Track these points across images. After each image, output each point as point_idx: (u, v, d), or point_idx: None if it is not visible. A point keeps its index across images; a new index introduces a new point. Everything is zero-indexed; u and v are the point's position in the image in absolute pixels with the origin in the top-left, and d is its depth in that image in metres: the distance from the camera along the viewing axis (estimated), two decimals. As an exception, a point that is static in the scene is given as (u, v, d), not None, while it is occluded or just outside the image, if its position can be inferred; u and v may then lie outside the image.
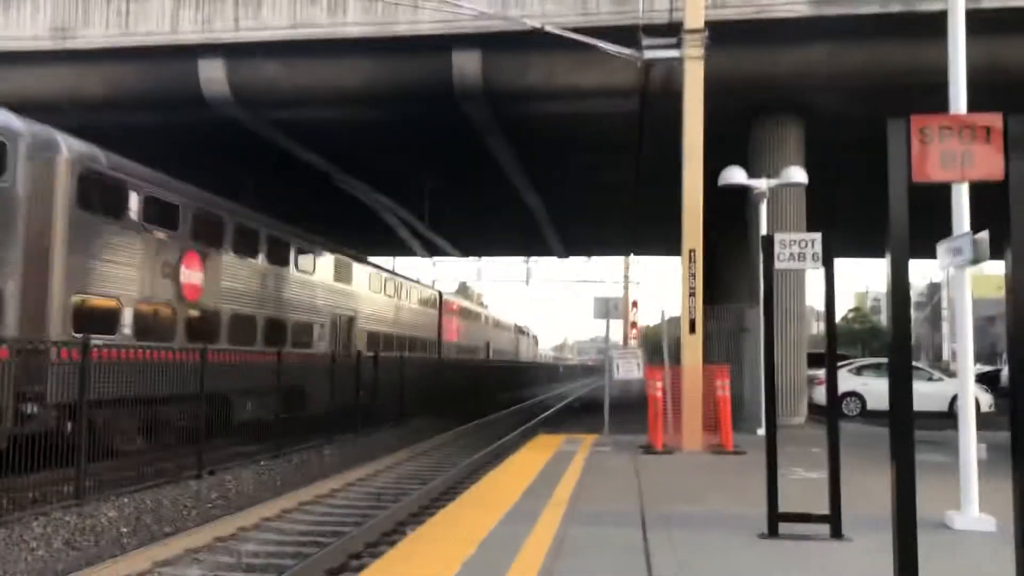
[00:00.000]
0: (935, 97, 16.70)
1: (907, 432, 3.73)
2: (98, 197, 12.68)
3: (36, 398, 10.48)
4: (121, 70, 19.25)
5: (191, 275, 14.78)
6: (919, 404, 3.84)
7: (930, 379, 22.02)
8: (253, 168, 25.10)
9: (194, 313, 15.04)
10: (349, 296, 22.78)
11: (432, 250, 41.48)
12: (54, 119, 18.08)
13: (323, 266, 20.89)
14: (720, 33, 14.52)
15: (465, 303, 45.92)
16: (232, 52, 18.65)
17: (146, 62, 18.98)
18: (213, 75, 18.82)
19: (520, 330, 64.51)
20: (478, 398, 33.40)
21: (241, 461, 13.57)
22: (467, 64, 17.99)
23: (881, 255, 26.73)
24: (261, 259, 17.57)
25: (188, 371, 12.64)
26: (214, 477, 12.22)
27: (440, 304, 36.66)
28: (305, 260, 19.85)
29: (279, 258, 18.42)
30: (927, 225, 7.56)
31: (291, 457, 14.78)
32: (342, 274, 22.44)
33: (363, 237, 36.67)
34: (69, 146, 12.20)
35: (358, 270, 23.82)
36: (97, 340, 10.88)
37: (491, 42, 17.65)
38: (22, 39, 18.91)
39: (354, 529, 9.35)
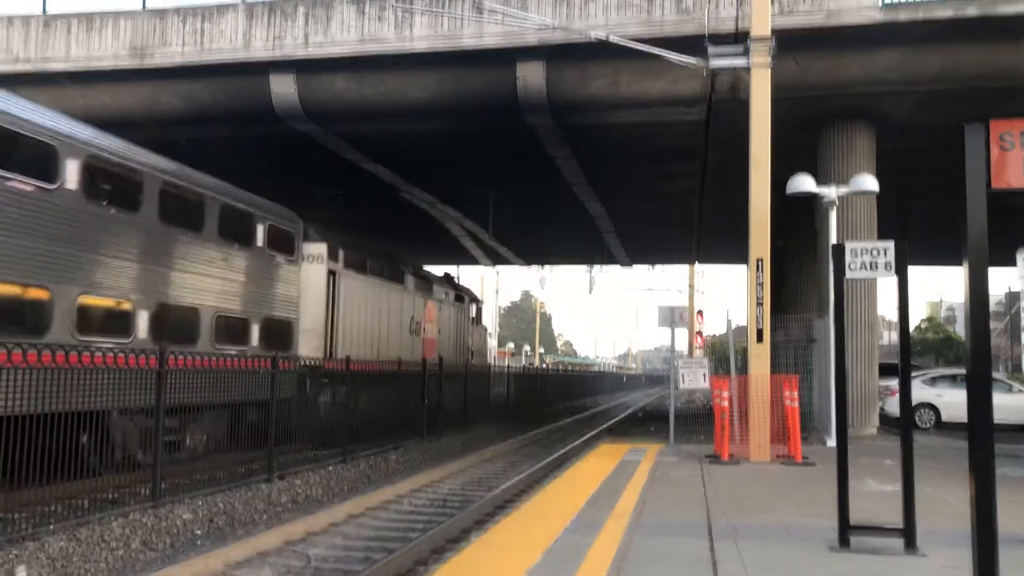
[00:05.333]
0: (1012, 102, 16.38)
1: (987, 444, 3.65)
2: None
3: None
4: (196, 86, 19.86)
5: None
6: (997, 416, 3.76)
7: (1009, 391, 21.33)
8: (322, 180, 25.59)
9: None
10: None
11: (496, 259, 41.70)
12: (133, 134, 18.81)
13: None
14: (788, 40, 14.36)
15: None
16: (302, 68, 19.10)
17: (220, 78, 19.55)
18: (284, 90, 19.29)
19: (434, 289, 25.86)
20: (540, 407, 33.40)
21: (310, 466, 13.81)
22: (531, 75, 18.09)
23: (956, 263, 26.25)
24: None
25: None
26: (283, 481, 12.46)
27: None
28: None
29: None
30: (1005, 232, 7.35)
31: (358, 462, 14.99)
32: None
33: (428, 247, 37.09)
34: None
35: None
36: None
37: (555, 53, 17.72)
38: (103, 58, 19.65)
39: (420, 535, 9.45)
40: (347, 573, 7.96)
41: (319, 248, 17.56)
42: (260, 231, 15.39)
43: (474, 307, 30.46)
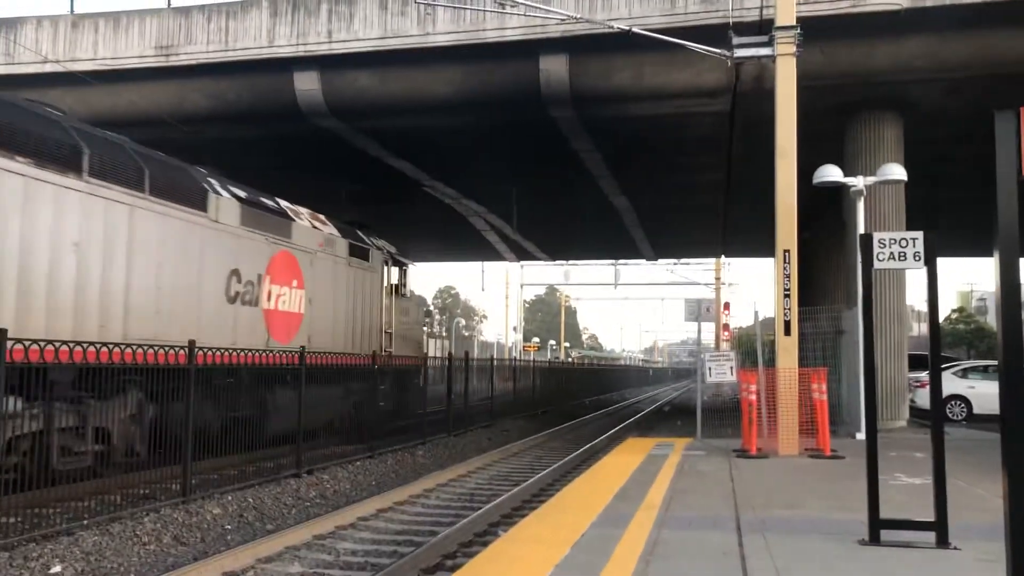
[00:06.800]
0: (1044, 88, 16.11)
1: (1021, 436, 3.59)
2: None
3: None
4: (221, 84, 20.01)
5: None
6: (1031, 408, 3.70)
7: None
8: (346, 176, 25.69)
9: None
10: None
11: (520, 254, 41.69)
12: (159, 133, 19.00)
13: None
14: (813, 29, 14.21)
15: None
16: (326, 64, 19.18)
17: (245, 76, 19.68)
18: (308, 87, 19.39)
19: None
20: (566, 402, 33.40)
21: (337, 461, 13.89)
22: (554, 68, 18.04)
23: (987, 253, 25.83)
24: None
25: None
26: (311, 476, 12.55)
27: None
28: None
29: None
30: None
31: (385, 458, 15.07)
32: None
33: (452, 242, 37.15)
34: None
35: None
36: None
37: (578, 46, 17.66)
38: (129, 58, 19.85)
39: (447, 529, 9.47)
40: (375, 567, 7.99)
41: None
42: None
43: (396, 271, 20.10)
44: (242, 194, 14.17)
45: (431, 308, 69.33)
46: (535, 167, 25.19)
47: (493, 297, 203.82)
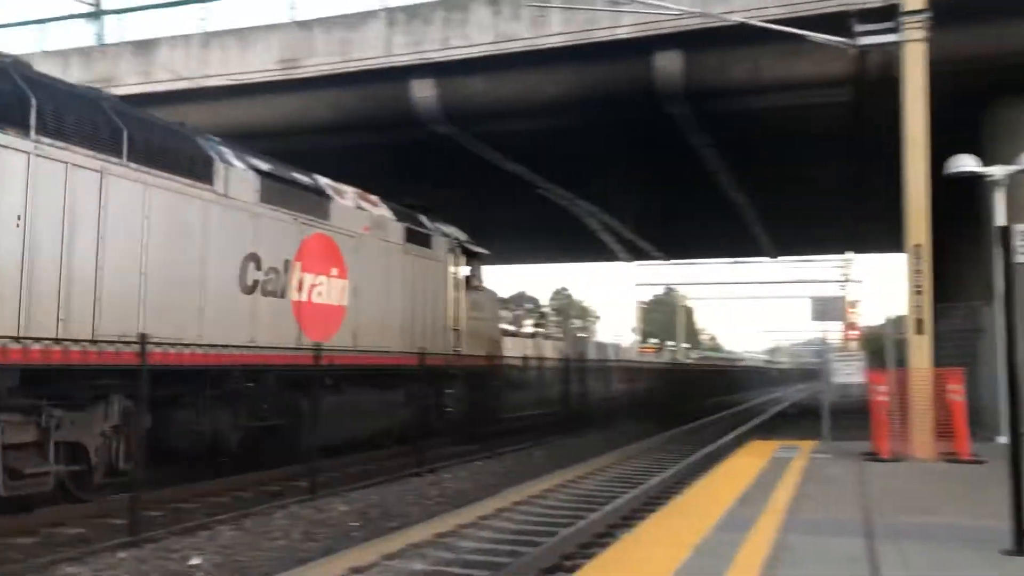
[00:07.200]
0: None
1: None
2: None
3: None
4: (341, 95, 20.63)
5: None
6: None
7: None
8: (463, 182, 26.04)
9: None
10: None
11: (636, 254, 41.28)
12: (285, 144, 19.76)
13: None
14: (942, 11, 13.51)
15: None
16: (441, 71, 19.51)
17: (363, 86, 20.24)
18: (424, 93, 19.78)
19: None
20: (685, 403, 32.89)
21: (457, 461, 14.11)
22: (668, 65, 17.80)
23: None
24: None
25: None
26: (433, 475, 12.79)
27: None
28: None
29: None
30: None
31: (504, 458, 15.21)
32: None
33: (566, 243, 37.13)
34: None
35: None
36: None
37: (692, 40, 17.35)
38: (254, 72, 20.73)
39: (566, 530, 9.46)
40: (495, 566, 8.06)
41: None
42: None
43: (466, 260, 18.58)
44: (263, 166, 12.20)
45: (547, 310, 69.32)
46: (650, 165, 24.90)
47: (609, 298, 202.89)
